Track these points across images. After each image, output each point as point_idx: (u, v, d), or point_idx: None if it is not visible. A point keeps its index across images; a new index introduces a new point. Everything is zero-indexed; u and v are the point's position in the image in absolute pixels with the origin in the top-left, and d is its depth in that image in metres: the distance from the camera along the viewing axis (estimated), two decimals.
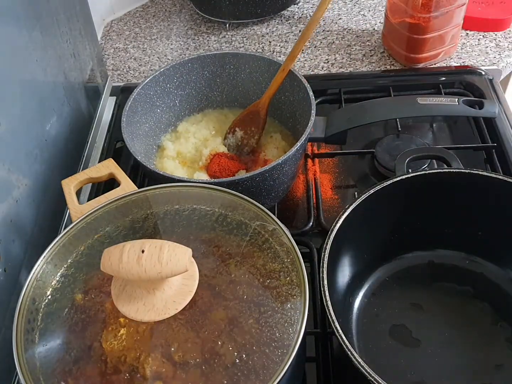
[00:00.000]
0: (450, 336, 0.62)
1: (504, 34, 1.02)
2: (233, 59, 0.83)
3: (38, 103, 0.72)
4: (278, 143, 0.81)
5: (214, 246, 0.54)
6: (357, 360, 0.48)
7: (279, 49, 1.06)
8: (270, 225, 0.54)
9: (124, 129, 0.73)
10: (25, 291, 0.50)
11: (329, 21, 1.11)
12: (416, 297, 0.66)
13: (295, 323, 0.47)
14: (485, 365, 0.60)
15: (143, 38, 1.14)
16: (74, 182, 0.64)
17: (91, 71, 0.92)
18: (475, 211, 0.65)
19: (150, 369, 0.46)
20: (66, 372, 0.46)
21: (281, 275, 0.51)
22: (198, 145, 0.82)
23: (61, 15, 0.80)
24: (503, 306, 0.64)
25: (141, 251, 0.44)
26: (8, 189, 0.63)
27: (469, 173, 0.63)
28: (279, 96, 0.82)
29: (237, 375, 0.45)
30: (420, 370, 0.60)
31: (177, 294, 0.47)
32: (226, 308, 0.49)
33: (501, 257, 0.66)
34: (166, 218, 0.57)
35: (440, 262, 0.68)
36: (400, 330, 0.63)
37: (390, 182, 0.62)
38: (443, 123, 0.90)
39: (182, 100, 0.85)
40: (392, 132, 0.87)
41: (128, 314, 0.46)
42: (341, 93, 0.93)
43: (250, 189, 0.67)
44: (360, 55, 1.02)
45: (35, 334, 0.48)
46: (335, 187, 0.82)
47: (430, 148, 0.78)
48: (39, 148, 0.71)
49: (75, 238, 0.55)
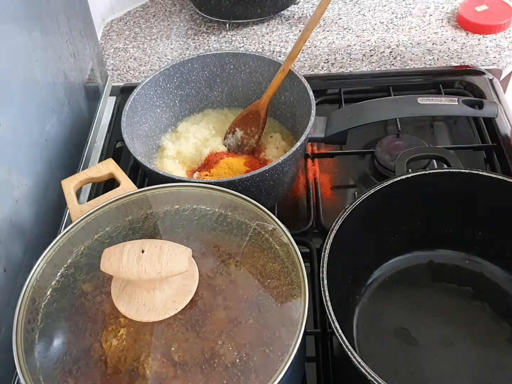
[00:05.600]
0: (450, 336, 0.62)
1: (504, 34, 1.02)
2: (233, 59, 0.83)
3: (38, 103, 0.72)
4: (278, 143, 0.81)
5: (214, 246, 0.54)
6: (357, 360, 0.48)
7: (279, 49, 1.06)
8: (270, 225, 0.54)
9: (124, 129, 0.72)
10: (25, 291, 0.50)
11: (329, 21, 1.11)
12: (416, 297, 0.66)
13: (295, 323, 0.47)
14: (485, 365, 0.60)
15: (143, 38, 1.14)
16: (74, 182, 0.64)
17: (91, 71, 0.92)
18: (475, 211, 0.65)
19: (150, 369, 0.46)
20: (66, 372, 0.46)
21: (281, 275, 0.51)
22: (198, 145, 0.82)
23: (61, 15, 0.80)
24: (503, 306, 0.64)
25: (141, 251, 0.44)
26: (8, 189, 0.63)
27: (469, 173, 0.63)
28: (279, 96, 0.82)
29: (237, 375, 0.45)
30: (420, 370, 0.60)
31: (177, 294, 0.47)
32: (226, 308, 0.49)
33: (501, 257, 0.66)
34: (166, 218, 0.57)
35: (440, 262, 0.68)
36: (400, 330, 0.63)
37: (390, 182, 0.62)
38: (443, 123, 0.90)
39: (182, 100, 0.85)
40: (392, 132, 0.87)
41: (128, 314, 0.47)
42: (341, 93, 0.93)
43: (250, 189, 0.67)
44: (360, 55, 1.02)
45: (35, 334, 0.48)
46: (335, 187, 0.82)
47: (430, 148, 0.78)
48: (39, 148, 0.71)
49: (75, 238, 0.55)
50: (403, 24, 1.07)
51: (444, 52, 1.00)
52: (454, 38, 1.02)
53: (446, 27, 1.05)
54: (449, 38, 1.02)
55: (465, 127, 0.89)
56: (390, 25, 1.08)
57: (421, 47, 1.02)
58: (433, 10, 1.10)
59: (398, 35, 1.05)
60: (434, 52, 1.00)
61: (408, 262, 0.68)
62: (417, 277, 0.68)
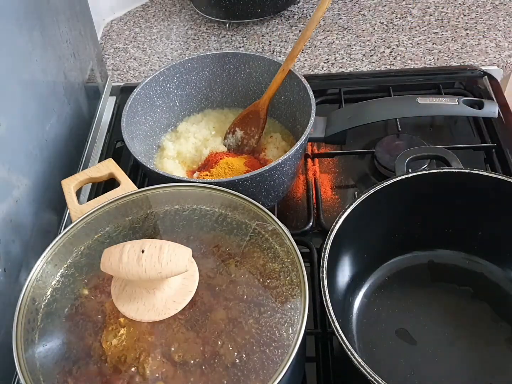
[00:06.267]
0: (450, 336, 0.62)
1: (504, 34, 1.02)
2: (233, 59, 0.83)
3: (38, 103, 0.72)
4: (278, 143, 0.81)
5: (214, 246, 0.54)
6: (357, 360, 0.48)
7: (279, 49, 1.06)
8: (270, 225, 0.54)
9: (124, 129, 0.73)
10: (25, 291, 0.50)
11: (329, 21, 1.11)
12: (416, 297, 0.66)
13: (295, 323, 0.47)
14: (485, 365, 0.60)
15: (143, 38, 1.14)
16: (74, 182, 0.64)
17: (91, 71, 0.92)
18: (475, 211, 0.65)
19: (150, 369, 0.46)
20: (66, 372, 0.46)
21: (281, 275, 0.51)
22: (198, 145, 0.82)
23: (61, 15, 0.80)
24: (503, 306, 0.64)
25: (141, 251, 0.44)
26: (8, 189, 0.63)
27: (469, 173, 0.63)
28: (279, 96, 0.82)
29: (237, 375, 0.45)
30: (420, 370, 0.60)
31: (177, 294, 0.47)
32: (226, 308, 0.49)
33: (501, 257, 0.66)
34: (166, 218, 0.57)
35: (440, 262, 0.68)
36: (400, 330, 0.63)
37: (390, 182, 0.62)
38: (443, 123, 0.90)
39: (182, 100, 0.85)
40: (392, 132, 0.87)
41: (128, 314, 0.46)
42: (341, 93, 0.93)
43: (250, 189, 0.67)
44: (360, 55, 1.02)
45: (35, 334, 0.48)
46: (335, 187, 0.82)
47: (430, 148, 0.78)
48: (39, 148, 0.71)
49: (75, 238, 0.55)
50: (403, 24, 1.07)
51: (444, 52, 1.00)
52: (454, 38, 1.02)
53: (446, 27, 1.05)
54: (449, 38, 1.02)
55: (465, 127, 0.89)
56: (390, 25, 1.08)
57: (421, 47, 1.02)
58: (433, 10, 1.10)
59: (398, 35, 1.05)
60: (434, 52, 1.00)
61: (408, 262, 0.68)
62: (417, 277, 0.67)
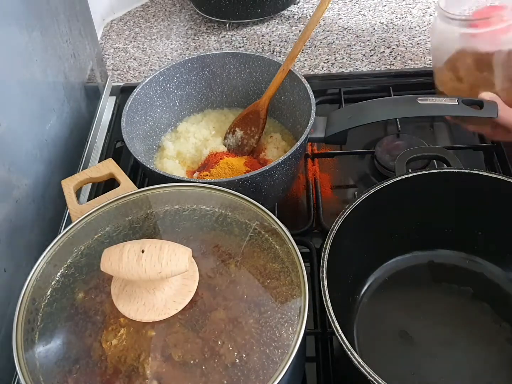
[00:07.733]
0: (450, 336, 0.62)
1: None
2: (233, 59, 0.83)
3: (38, 103, 0.72)
4: (278, 143, 0.81)
5: (214, 246, 0.54)
6: (357, 360, 0.48)
7: (279, 49, 1.06)
8: (270, 225, 0.54)
9: (124, 129, 0.72)
10: (25, 291, 0.50)
11: (329, 21, 1.11)
12: (416, 297, 0.66)
13: (295, 323, 0.47)
14: (485, 365, 0.60)
15: (143, 38, 1.14)
16: (74, 182, 0.64)
17: (91, 71, 0.92)
18: (475, 211, 0.65)
19: (150, 369, 0.46)
20: (66, 372, 0.46)
21: (281, 275, 0.51)
22: (198, 145, 0.82)
23: (61, 15, 0.80)
24: (503, 306, 0.64)
25: (141, 251, 0.44)
26: (8, 189, 0.63)
27: (469, 173, 0.63)
28: (279, 96, 0.82)
29: (237, 375, 0.45)
30: (420, 370, 0.60)
31: (177, 294, 0.47)
32: (226, 308, 0.49)
33: (501, 257, 0.66)
34: (166, 218, 0.57)
35: (440, 262, 0.68)
36: (400, 330, 0.63)
37: (390, 182, 0.62)
38: (443, 123, 0.90)
39: (182, 100, 0.85)
40: (392, 132, 0.87)
41: (128, 314, 0.46)
42: (341, 93, 0.93)
43: (250, 189, 0.67)
44: (360, 55, 1.02)
45: (35, 334, 0.48)
46: (335, 187, 0.82)
47: (430, 148, 0.78)
48: (39, 148, 0.71)
49: (75, 238, 0.55)
50: (403, 24, 1.07)
51: None
52: None
53: None
54: None
55: None
56: (390, 25, 1.08)
57: (421, 47, 1.02)
58: (433, 10, 1.10)
59: (398, 35, 1.05)
60: None
61: (408, 262, 0.68)
62: (417, 277, 0.67)
